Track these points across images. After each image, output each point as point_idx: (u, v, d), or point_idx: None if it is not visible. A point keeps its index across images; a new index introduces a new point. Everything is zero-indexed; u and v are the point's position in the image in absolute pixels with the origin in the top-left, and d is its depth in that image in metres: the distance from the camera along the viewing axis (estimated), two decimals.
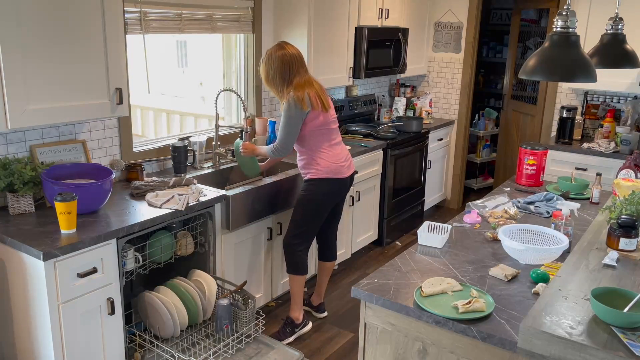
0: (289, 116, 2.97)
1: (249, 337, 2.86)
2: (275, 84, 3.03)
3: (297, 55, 3.03)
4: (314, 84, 3.05)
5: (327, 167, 3.07)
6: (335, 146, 3.13)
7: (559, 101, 4.83)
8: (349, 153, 3.26)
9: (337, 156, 3.11)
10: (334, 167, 3.08)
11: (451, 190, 5.73)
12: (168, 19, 3.21)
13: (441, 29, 5.45)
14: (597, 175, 2.97)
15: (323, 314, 3.54)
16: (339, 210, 3.35)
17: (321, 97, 3.03)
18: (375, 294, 1.91)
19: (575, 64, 1.93)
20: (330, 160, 3.07)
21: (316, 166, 3.07)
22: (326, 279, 3.51)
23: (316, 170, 3.08)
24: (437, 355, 1.83)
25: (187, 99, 5.12)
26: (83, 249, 2.28)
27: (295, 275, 3.21)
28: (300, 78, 3.01)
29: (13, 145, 2.63)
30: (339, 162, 3.11)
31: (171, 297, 2.72)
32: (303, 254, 3.19)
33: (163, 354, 2.66)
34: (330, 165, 3.07)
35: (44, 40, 2.33)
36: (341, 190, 3.19)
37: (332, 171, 3.08)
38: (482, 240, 2.41)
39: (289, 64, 2.99)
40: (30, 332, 2.33)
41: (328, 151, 3.08)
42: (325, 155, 3.07)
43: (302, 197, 3.12)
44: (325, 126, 3.05)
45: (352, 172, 3.22)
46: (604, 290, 1.62)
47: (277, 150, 3.06)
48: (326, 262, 3.45)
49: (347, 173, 3.17)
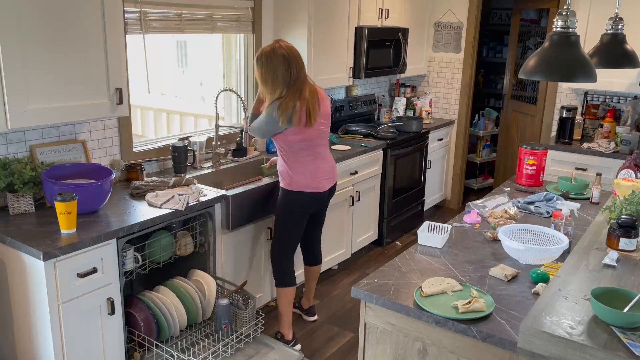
0: (267, 120, 2.83)
1: (249, 337, 2.86)
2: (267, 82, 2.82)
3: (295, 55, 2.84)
4: (305, 94, 2.81)
5: (301, 182, 2.94)
6: (317, 160, 2.96)
7: (559, 101, 4.83)
8: (334, 163, 3.11)
9: (315, 172, 2.95)
10: (309, 182, 2.95)
11: (451, 190, 5.73)
12: (168, 19, 3.21)
13: (441, 29, 5.45)
14: (597, 175, 2.97)
15: (313, 317, 3.52)
16: (322, 216, 3.25)
17: (310, 109, 2.80)
18: (375, 294, 1.91)
19: (575, 64, 1.93)
20: (306, 175, 2.94)
21: (289, 179, 2.95)
22: (313, 283, 3.46)
23: (290, 182, 2.96)
24: (437, 355, 1.83)
25: (187, 99, 5.11)
26: (83, 249, 2.28)
27: (283, 289, 3.11)
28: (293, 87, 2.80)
29: (13, 145, 2.63)
30: (317, 177, 2.97)
31: (171, 297, 2.72)
32: (289, 265, 3.11)
33: (162, 353, 2.66)
34: (306, 180, 2.94)
35: (44, 40, 2.33)
36: (316, 202, 3.05)
37: (306, 185, 2.95)
38: (482, 240, 2.41)
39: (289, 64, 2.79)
40: (30, 332, 2.33)
41: (307, 166, 2.93)
42: (303, 170, 2.93)
43: (277, 207, 3.05)
44: (307, 142, 2.88)
45: (332, 184, 3.08)
46: (604, 290, 1.62)
47: (251, 130, 2.96)
48: (311, 266, 3.40)
49: (326, 187, 3.02)
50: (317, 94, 2.90)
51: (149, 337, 2.62)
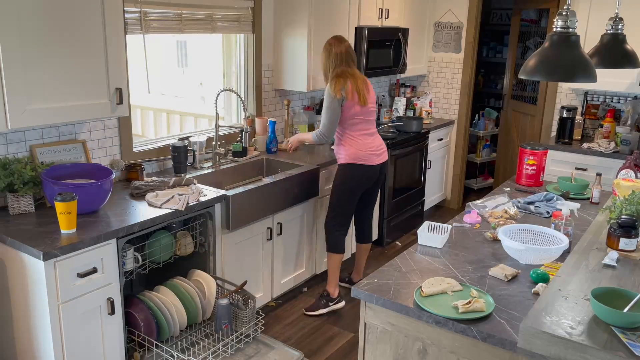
0: (329, 103, 3.26)
1: (249, 337, 2.86)
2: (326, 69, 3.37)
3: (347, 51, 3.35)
4: (357, 78, 3.31)
5: (355, 154, 3.33)
6: (368, 136, 3.37)
7: (559, 101, 4.83)
8: (383, 143, 3.50)
9: (367, 145, 3.35)
10: (361, 154, 3.33)
11: (451, 190, 5.73)
12: (168, 19, 3.21)
13: (441, 29, 5.45)
14: (597, 175, 2.97)
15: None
16: (373, 195, 3.63)
17: (360, 90, 3.28)
18: (375, 294, 1.91)
19: (575, 64, 1.93)
20: (359, 148, 3.33)
21: (345, 152, 3.35)
22: (363, 258, 3.84)
23: (345, 155, 3.36)
24: (437, 355, 1.83)
25: (187, 99, 5.12)
26: (83, 249, 2.28)
27: (333, 254, 3.49)
28: (345, 70, 3.30)
29: (13, 145, 2.63)
30: (369, 150, 3.35)
31: (171, 297, 2.72)
32: (341, 235, 3.46)
33: (162, 353, 2.66)
34: (358, 152, 3.32)
35: (44, 40, 2.33)
36: (369, 176, 3.40)
37: (359, 158, 3.33)
38: (482, 240, 2.41)
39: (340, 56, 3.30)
40: (30, 332, 2.33)
41: (359, 139, 3.33)
42: (356, 143, 3.33)
43: (334, 181, 3.43)
44: (359, 116, 3.31)
45: (382, 160, 3.45)
46: (604, 290, 1.62)
47: (322, 135, 3.36)
48: (362, 243, 3.80)
49: (377, 161, 3.40)
50: (365, 80, 3.41)
51: (149, 337, 2.62)
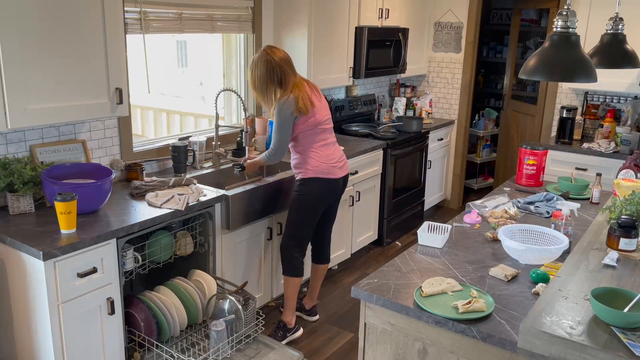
0: (280, 121, 2.96)
1: (249, 338, 2.86)
2: (263, 91, 2.99)
3: (284, 58, 2.97)
4: (304, 86, 2.99)
5: (317, 167, 3.04)
6: (328, 146, 3.09)
7: (559, 101, 4.83)
8: (344, 154, 3.21)
9: (328, 157, 3.08)
10: (324, 167, 3.05)
11: (451, 190, 5.72)
12: (168, 19, 3.21)
13: (441, 29, 5.45)
14: (597, 176, 2.96)
15: (315, 317, 3.51)
16: (333, 212, 3.31)
17: (311, 99, 2.98)
18: (375, 294, 1.91)
19: (575, 64, 1.93)
20: (320, 161, 3.05)
21: (306, 166, 3.06)
22: (319, 282, 3.48)
23: (306, 170, 3.06)
24: (437, 355, 1.83)
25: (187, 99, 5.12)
26: (83, 249, 2.28)
27: (290, 278, 3.19)
28: (288, 81, 2.97)
29: (13, 145, 2.63)
30: (330, 162, 3.08)
31: (171, 297, 2.72)
32: (299, 257, 3.17)
33: (162, 353, 2.66)
34: (321, 165, 3.05)
35: (44, 40, 2.33)
36: (332, 191, 3.14)
37: (322, 171, 3.05)
38: (482, 240, 2.41)
39: (275, 70, 2.93)
40: (30, 332, 2.33)
41: (319, 151, 3.05)
42: (316, 155, 3.04)
43: (294, 198, 3.12)
44: (316, 127, 3.02)
45: (345, 173, 3.18)
46: (604, 290, 1.62)
47: (272, 155, 3.09)
48: (320, 264, 3.42)
49: (340, 174, 3.12)
50: (314, 85, 3.13)
51: (149, 337, 2.62)
